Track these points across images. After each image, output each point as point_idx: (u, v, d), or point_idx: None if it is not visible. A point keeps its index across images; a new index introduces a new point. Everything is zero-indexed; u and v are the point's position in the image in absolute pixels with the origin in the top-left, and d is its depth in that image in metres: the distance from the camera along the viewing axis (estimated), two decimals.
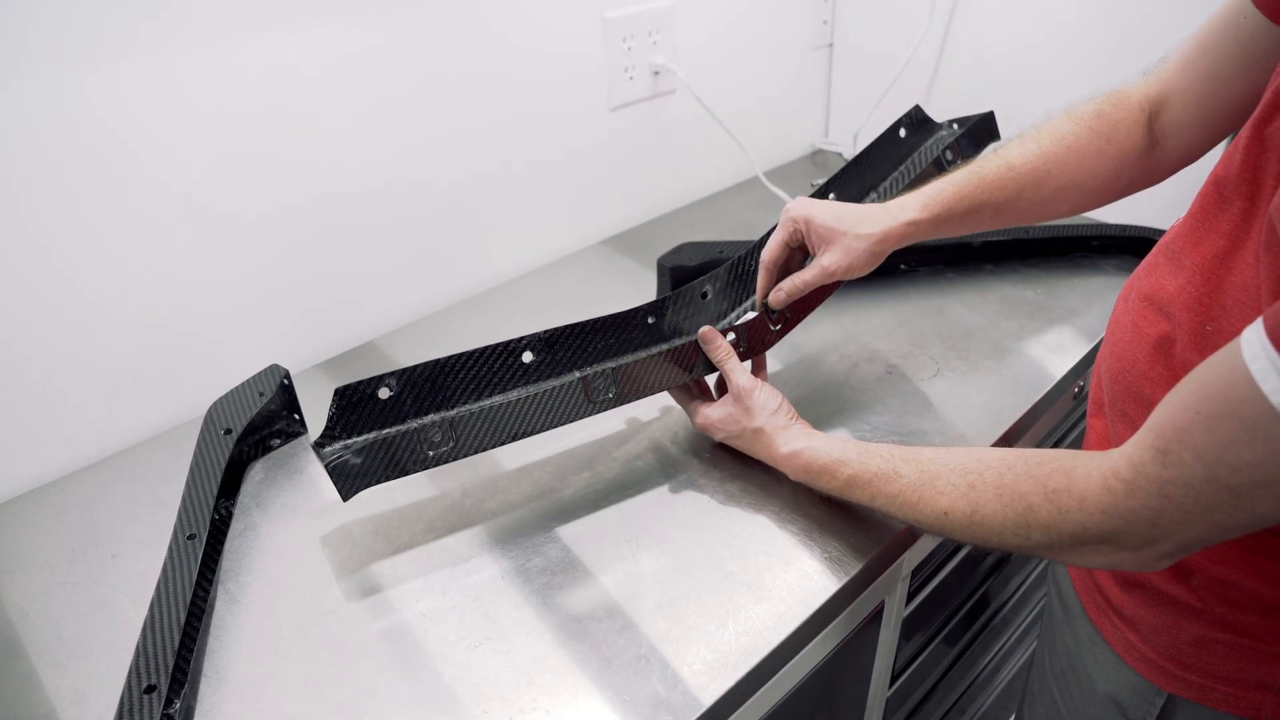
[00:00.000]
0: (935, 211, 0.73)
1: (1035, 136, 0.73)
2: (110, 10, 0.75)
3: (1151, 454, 0.45)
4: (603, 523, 0.74)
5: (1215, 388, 0.42)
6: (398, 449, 0.70)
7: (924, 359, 0.92)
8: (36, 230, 0.78)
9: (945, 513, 0.58)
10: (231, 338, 0.94)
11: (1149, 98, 0.70)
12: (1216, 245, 0.52)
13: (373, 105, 0.96)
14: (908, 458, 0.62)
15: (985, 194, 0.72)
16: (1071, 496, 0.50)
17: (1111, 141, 0.71)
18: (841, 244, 0.73)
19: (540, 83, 1.10)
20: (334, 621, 0.67)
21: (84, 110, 0.77)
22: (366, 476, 0.69)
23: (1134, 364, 0.58)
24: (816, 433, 0.72)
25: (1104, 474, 0.48)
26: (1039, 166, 0.72)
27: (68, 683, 0.64)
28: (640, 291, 1.07)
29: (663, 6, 1.17)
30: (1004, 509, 0.54)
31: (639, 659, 0.62)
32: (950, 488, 0.58)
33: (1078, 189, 0.73)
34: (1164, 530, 0.46)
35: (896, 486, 0.62)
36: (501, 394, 0.73)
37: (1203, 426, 0.42)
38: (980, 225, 0.75)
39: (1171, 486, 0.44)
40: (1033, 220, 0.76)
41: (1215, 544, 0.49)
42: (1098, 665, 0.67)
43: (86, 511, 0.80)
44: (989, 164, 0.73)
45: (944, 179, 0.74)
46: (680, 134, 1.30)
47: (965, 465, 0.58)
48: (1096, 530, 0.49)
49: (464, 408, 0.71)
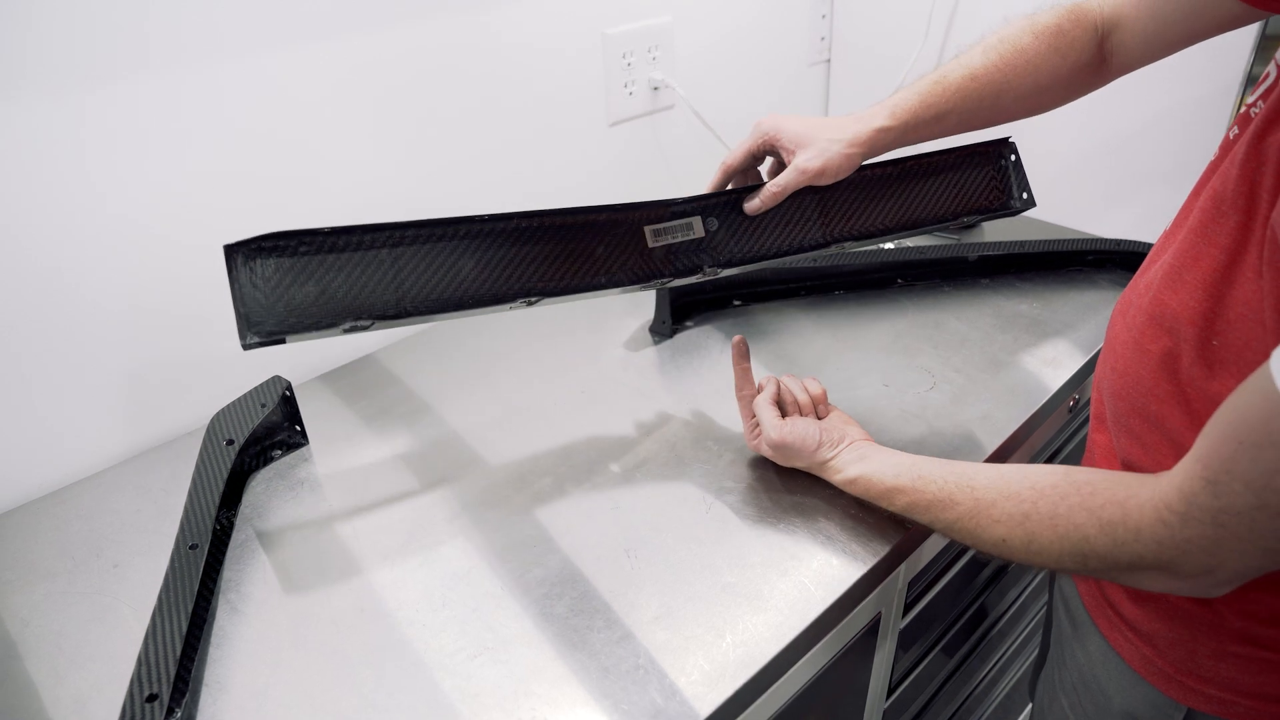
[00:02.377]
0: (903, 119, 0.75)
1: (997, 46, 0.76)
2: (113, 31, 0.77)
3: (1201, 484, 0.46)
4: (601, 534, 0.74)
5: (1255, 417, 0.42)
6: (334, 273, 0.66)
7: (920, 372, 0.92)
8: (40, 242, 0.79)
9: (1003, 539, 0.58)
10: (234, 349, 0.94)
11: (1104, 18, 0.75)
12: (1216, 260, 0.52)
13: (374, 121, 0.97)
14: (962, 484, 0.62)
15: (949, 102, 0.76)
16: (1127, 529, 0.50)
17: (1066, 58, 0.75)
18: (816, 145, 0.75)
19: (541, 98, 1.11)
20: (334, 632, 0.67)
21: (88, 125, 0.78)
22: (284, 310, 0.65)
23: (1139, 380, 0.59)
24: (872, 453, 0.71)
25: (1157, 506, 0.49)
26: (999, 78, 0.75)
27: (68, 692, 0.64)
28: (639, 309, 1.08)
29: (663, 23, 1.19)
30: (1059, 540, 0.54)
31: (637, 669, 0.62)
32: (1006, 516, 0.58)
33: (1033, 99, 0.78)
34: (1221, 558, 0.47)
35: (954, 514, 0.62)
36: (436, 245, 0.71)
37: (1247, 456, 0.43)
38: (945, 132, 0.78)
39: (1225, 515, 0.45)
40: (989, 125, 0.80)
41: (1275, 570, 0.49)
42: (1112, 680, 0.67)
43: (88, 521, 0.81)
44: (952, 73, 0.76)
45: (909, 88, 0.77)
46: (679, 149, 1.31)
47: (1019, 493, 0.58)
48: (1153, 559, 0.50)
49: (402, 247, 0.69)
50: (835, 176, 0.77)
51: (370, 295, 0.69)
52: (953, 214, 0.84)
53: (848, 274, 1.09)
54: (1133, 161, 1.29)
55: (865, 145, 0.76)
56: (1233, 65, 1.28)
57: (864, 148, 0.76)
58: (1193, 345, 0.54)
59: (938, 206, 0.84)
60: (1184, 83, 1.25)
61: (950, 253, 1.08)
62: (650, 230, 0.79)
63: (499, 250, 0.73)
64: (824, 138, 0.75)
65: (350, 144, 0.95)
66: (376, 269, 0.69)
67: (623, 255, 0.78)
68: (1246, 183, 0.50)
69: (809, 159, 0.75)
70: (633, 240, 0.78)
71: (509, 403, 0.93)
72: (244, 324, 0.66)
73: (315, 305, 0.67)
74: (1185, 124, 1.31)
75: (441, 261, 0.71)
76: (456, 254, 0.71)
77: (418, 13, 0.95)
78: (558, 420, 0.89)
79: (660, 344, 1.02)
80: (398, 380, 0.98)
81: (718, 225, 0.80)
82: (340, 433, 0.90)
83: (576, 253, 0.76)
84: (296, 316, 0.67)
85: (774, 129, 0.78)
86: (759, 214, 0.80)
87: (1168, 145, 1.29)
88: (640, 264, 0.79)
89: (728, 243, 0.81)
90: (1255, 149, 0.50)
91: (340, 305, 0.68)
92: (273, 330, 0.66)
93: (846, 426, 0.75)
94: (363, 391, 0.97)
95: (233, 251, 0.66)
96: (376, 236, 0.69)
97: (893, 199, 0.83)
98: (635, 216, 0.78)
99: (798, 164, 0.76)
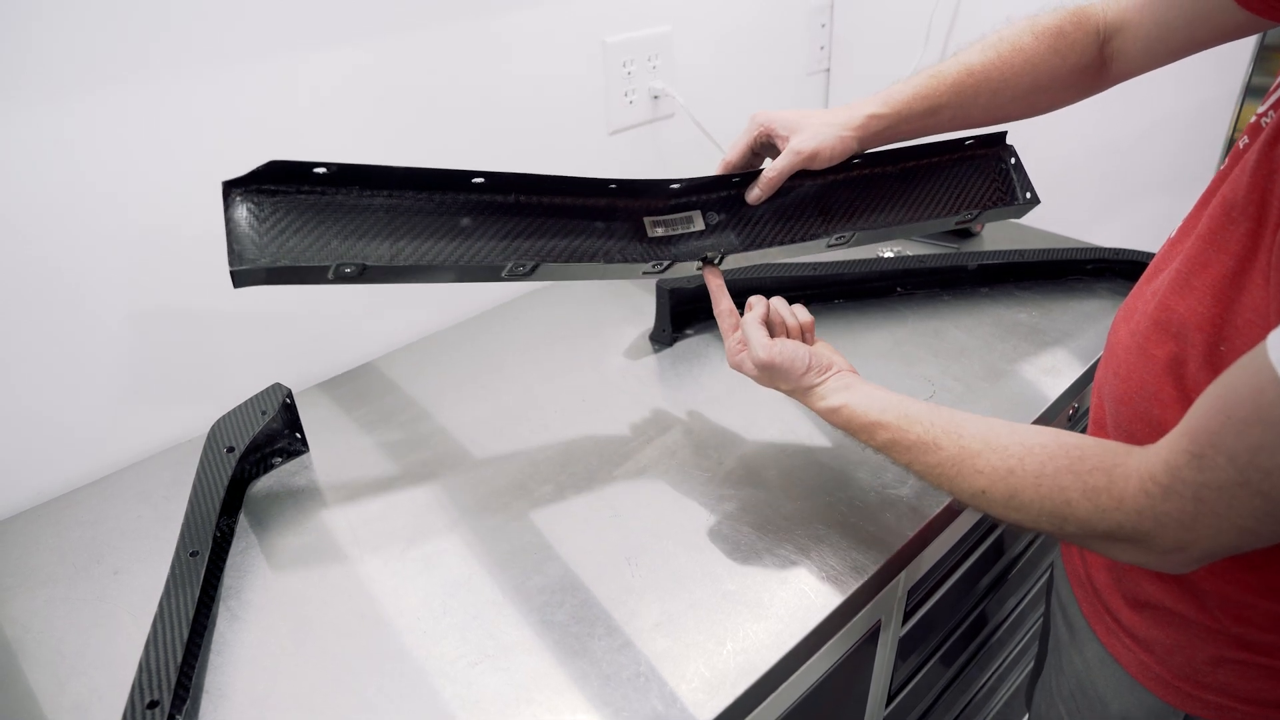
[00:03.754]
0: (895, 108, 0.76)
1: (995, 44, 0.76)
2: (114, 36, 0.77)
3: (1186, 458, 0.46)
4: (602, 541, 0.74)
5: (1244, 393, 0.42)
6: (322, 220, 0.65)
7: (920, 381, 0.92)
8: (40, 249, 0.79)
9: (983, 491, 0.57)
10: (234, 356, 0.95)
11: (1107, 22, 0.74)
12: (1226, 265, 0.52)
13: (373, 129, 0.97)
14: (949, 430, 0.61)
15: (944, 96, 0.76)
16: (1110, 496, 0.50)
17: (1066, 60, 0.75)
18: (810, 129, 0.76)
19: (541, 107, 1.11)
20: (334, 639, 0.67)
21: (88, 132, 0.78)
22: (275, 246, 0.64)
23: (1142, 386, 0.59)
24: (858, 384, 0.69)
25: (1142, 477, 0.49)
26: (995, 75, 0.75)
27: (69, 699, 0.64)
28: (638, 316, 1.08)
29: (663, 32, 1.19)
30: (1041, 500, 0.54)
31: (638, 676, 0.62)
32: (990, 468, 0.57)
33: (1030, 99, 0.78)
34: (1196, 534, 0.47)
35: (936, 459, 0.60)
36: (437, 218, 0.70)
37: (1234, 431, 0.43)
38: (939, 127, 0.78)
39: (1206, 490, 0.45)
40: (985, 123, 0.80)
41: (1245, 552, 0.49)
42: (1110, 687, 0.67)
43: (89, 528, 0.81)
44: (948, 67, 0.77)
45: (904, 81, 0.77)
46: (679, 158, 1.31)
47: (1006, 447, 0.57)
48: (1131, 530, 0.50)
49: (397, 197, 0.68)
50: (830, 160, 0.77)
51: (364, 242, 0.67)
52: (955, 210, 0.84)
53: (848, 282, 1.09)
54: (1129, 170, 1.30)
55: (859, 129, 0.76)
56: (1232, 75, 1.28)
57: (858, 131, 0.76)
58: (1200, 350, 0.54)
59: (940, 203, 0.83)
60: (1182, 92, 1.26)
61: (950, 261, 1.09)
62: (650, 221, 0.79)
63: (499, 218, 0.72)
64: (817, 121, 0.76)
65: (350, 150, 0.96)
66: (372, 216, 0.68)
67: (622, 240, 0.78)
68: (1258, 190, 0.51)
69: (803, 141, 0.76)
70: (633, 230, 0.78)
71: (509, 410, 0.93)
72: (235, 258, 0.64)
73: (307, 244, 0.66)
74: (1182, 134, 1.31)
75: (439, 220, 0.70)
76: (455, 211, 0.70)
77: (418, 21, 0.96)
78: (558, 427, 0.89)
79: (660, 352, 1.02)
80: (397, 387, 0.99)
81: (718, 219, 0.81)
82: (341, 440, 0.90)
83: (576, 230, 0.76)
84: (288, 255, 0.65)
85: (768, 119, 0.78)
86: (760, 203, 0.80)
87: (1164, 154, 1.30)
88: (640, 249, 0.78)
89: (728, 235, 0.81)
90: (1267, 156, 0.51)
91: (332, 247, 0.66)
92: (264, 264, 0.64)
93: (834, 355, 0.73)
94: (363, 399, 0.97)
95: (231, 188, 0.65)
96: (378, 179, 0.68)
97: (893, 194, 0.82)
98: (636, 205, 0.78)
99: (792, 146, 0.76)
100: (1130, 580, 0.64)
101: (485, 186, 0.72)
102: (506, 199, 0.73)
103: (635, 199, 0.78)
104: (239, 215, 0.64)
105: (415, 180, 0.69)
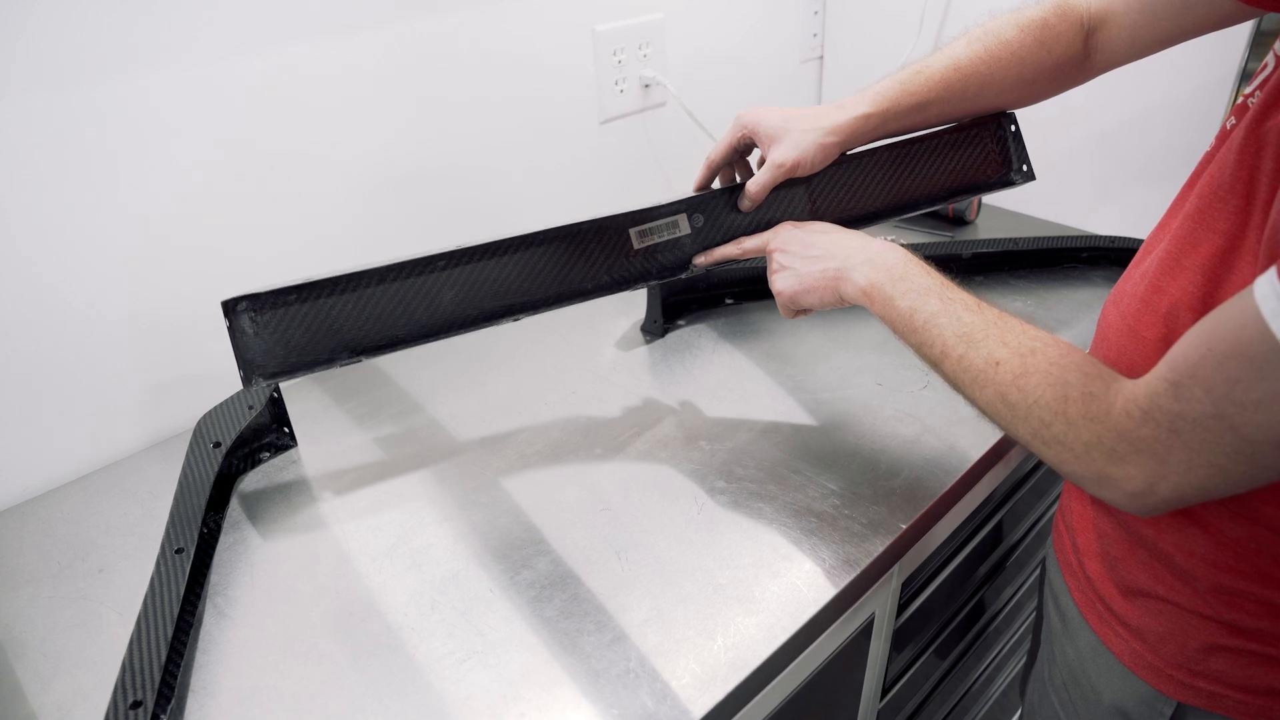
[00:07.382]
0: (883, 106, 0.75)
1: (981, 38, 0.76)
2: (113, 24, 0.76)
3: (1165, 385, 0.47)
4: (592, 535, 0.74)
5: (1227, 327, 0.43)
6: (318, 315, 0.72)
7: (913, 371, 0.92)
8: (26, 241, 0.78)
9: (998, 363, 0.58)
10: (221, 350, 0.93)
11: (1091, 13, 0.74)
12: (1215, 244, 0.52)
13: (363, 121, 0.96)
14: (986, 305, 0.63)
15: (931, 92, 0.76)
16: (1100, 405, 0.51)
17: (1051, 52, 0.75)
18: (790, 138, 0.75)
19: (531, 96, 1.10)
20: (322, 636, 0.67)
21: (80, 123, 0.77)
22: (278, 350, 0.71)
23: (1132, 368, 0.58)
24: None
25: (1126, 398, 0.50)
26: (982, 70, 0.76)
27: (52, 698, 0.64)
28: (630, 308, 1.07)
29: (653, 20, 1.18)
30: (1047, 388, 0.55)
31: (628, 672, 0.62)
32: (1015, 341, 0.58)
33: (1016, 92, 0.78)
34: (1168, 468, 0.47)
35: (972, 318, 0.62)
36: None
37: (1213, 363, 0.43)
38: (926, 122, 0.79)
39: (1181, 421, 0.46)
40: (971, 116, 0.81)
41: (1214, 499, 0.49)
42: (1102, 676, 0.67)
43: (73, 525, 0.80)
44: (935, 62, 0.76)
45: (891, 76, 0.77)
46: (670, 147, 1.30)
47: (1032, 332, 0.59)
48: (1108, 449, 0.50)
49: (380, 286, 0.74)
50: (813, 167, 0.77)
51: (362, 331, 0.74)
52: (947, 192, 0.83)
53: None
54: (1124, 157, 1.29)
55: (844, 134, 0.76)
56: (1227, 61, 1.27)
57: (842, 136, 0.76)
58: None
59: (931, 184, 0.83)
60: (1177, 78, 1.25)
61: (944, 250, 1.08)
62: (635, 232, 0.80)
63: (480, 274, 0.76)
64: (799, 129, 0.75)
65: (342, 146, 0.95)
66: (364, 307, 0.74)
67: (608, 260, 0.79)
68: (1246, 167, 0.50)
69: (783, 153, 0.75)
70: (618, 244, 0.79)
71: (500, 403, 0.92)
72: (247, 368, 0.72)
73: (311, 344, 0.73)
74: (1178, 120, 1.30)
75: (425, 293, 0.75)
76: (439, 286, 0.76)
77: (407, 10, 0.95)
78: (549, 420, 0.89)
79: (652, 343, 1.01)
80: (388, 380, 0.98)
81: (703, 221, 0.80)
82: (330, 434, 0.89)
83: (561, 262, 0.78)
84: (296, 356, 0.73)
85: (753, 122, 0.78)
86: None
87: (1159, 141, 1.29)
88: (626, 266, 0.80)
89: (714, 237, 0.80)
90: (1254, 133, 0.50)
91: (334, 342, 0.74)
92: (274, 371, 0.73)
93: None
94: (353, 392, 0.96)
95: (231, 306, 0.71)
96: (362, 279, 0.74)
97: (883, 180, 0.82)
98: (620, 221, 0.79)
99: (772, 159, 0.76)
100: (1122, 568, 0.63)
101: (456, 259, 0.76)
102: (483, 254, 0.76)
103: (617, 221, 0.80)
104: (242, 327, 0.72)
105: (393, 274, 0.74)
